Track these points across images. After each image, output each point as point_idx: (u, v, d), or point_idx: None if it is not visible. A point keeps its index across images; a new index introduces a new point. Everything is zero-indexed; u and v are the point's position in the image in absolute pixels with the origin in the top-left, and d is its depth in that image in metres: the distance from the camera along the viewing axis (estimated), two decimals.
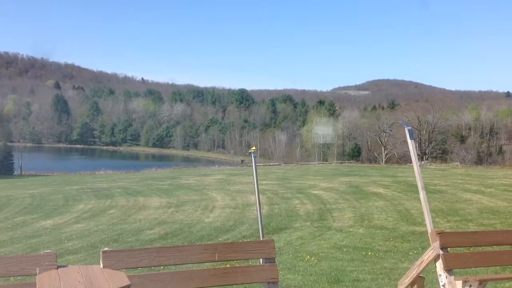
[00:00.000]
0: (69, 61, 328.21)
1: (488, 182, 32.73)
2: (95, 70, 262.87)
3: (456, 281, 4.70)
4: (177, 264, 4.39)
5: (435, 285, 6.73)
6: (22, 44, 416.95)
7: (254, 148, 5.95)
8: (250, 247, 4.58)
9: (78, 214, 22.85)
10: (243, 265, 4.83)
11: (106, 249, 4.08)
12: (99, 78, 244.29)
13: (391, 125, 72.37)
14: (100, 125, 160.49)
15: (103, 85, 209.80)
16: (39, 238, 16.36)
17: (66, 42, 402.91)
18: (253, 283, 4.71)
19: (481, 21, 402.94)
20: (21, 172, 73.75)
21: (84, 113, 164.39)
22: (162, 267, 4.86)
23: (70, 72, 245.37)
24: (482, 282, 4.67)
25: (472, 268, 6.36)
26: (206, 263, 5.04)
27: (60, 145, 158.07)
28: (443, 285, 4.71)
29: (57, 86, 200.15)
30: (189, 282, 4.28)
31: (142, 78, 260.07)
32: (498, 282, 7.39)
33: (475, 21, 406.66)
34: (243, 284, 5.85)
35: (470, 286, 4.59)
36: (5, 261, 3.82)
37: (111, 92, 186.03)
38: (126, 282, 3.53)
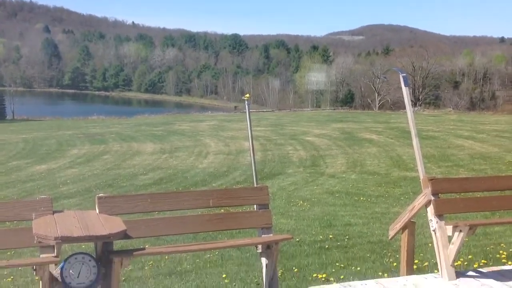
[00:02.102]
0: (58, 4, 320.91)
1: (480, 128, 32.94)
2: (84, 13, 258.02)
3: (447, 226, 4.78)
4: (172, 210, 4.44)
5: (426, 229, 6.87)
6: None
7: (247, 95, 5.90)
8: (244, 194, 4.61)
9: (72, 159, 22.89)
10: (237, 210, 4.88)
11: (102, 194, 4.10)
12: (89, 21, 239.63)
13: (386, 71, 71.99)
14: (92, 69, 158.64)
15: (93, 28, 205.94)
16: (34, 183, 16.44)
17: None
18: (247, 228, 4.78)
19: None
20: (13, 117, 73.33)
21: (74, 57, 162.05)
22: (157, 213, 4.92)
23: (59, 16, 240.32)
24: (472, 226, 4.75)
25: (463, 214, 6.46)
26: (201, 209, 5.09)
27: (52, 89, 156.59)
28: (434, 230, 4.79)
29: (47, 29, 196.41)
30: (184, 227, 4.33)
31: (133, 22, 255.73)
32: (487, 226, 7.55)
33: None
34: (237, 229, 5.94)
35: (460, 231, 4.67)
36: (0, 206, 3.84)
37: (102, 36, 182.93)
38: (122, 227, 3.57)
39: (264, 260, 4.24)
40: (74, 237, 3.31)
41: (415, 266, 5.28)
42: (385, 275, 5.40)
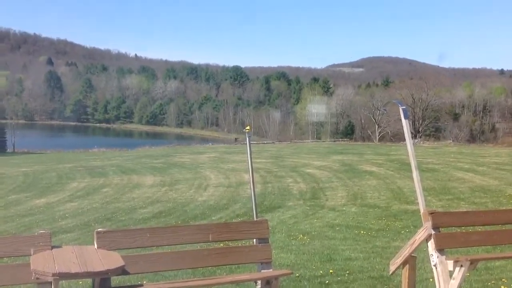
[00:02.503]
0: (62, 37, 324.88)
1: (480, 161, 32.92)
2: (88, 46, 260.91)
3: (448, 261, 4.76)
4: (171, 245, 4.42)
5: (426, 264, 6.81)
6: (14, 19, 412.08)
7: (248, 127, 5.94)
8: (244, 228, 4.61)
9: (71, 192, 22.83)
10: (237, 245, 4.86)
11: (100, 229, 4.09)
12: (92, 54, 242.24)
13: (386, 104, 72.41)
14: (93, 102, 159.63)
15: (96, 61, 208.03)
16: (33, 217, 16.36)
17: (58, 17, 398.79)
18: (246, 263, 4.75)
19: None
20: (14, 150, 73.44)
21: (77, 89, 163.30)
22: (156, 247, 4.89)
23: (63, 48, 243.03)
24: (473, 261, 4.73)
25: (464, 248, 6.43)
26: (200, 243, 5.07)
27: (53, 122, 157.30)
28: (435, 265, 4.76)
29: (50, 62, 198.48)
30: (183, 262, 4.32)
31: (136, 55, 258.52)
32: (489, 261, 7.48)
33: None
34: (236, 264, 5.90)
35: (461, 265, 4.64)
36: None
37: (104, 68, 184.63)
38: (120, 262, 3.56)
39: None
40: (72, 274, 3.31)
41: None
42: None
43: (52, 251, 3.75)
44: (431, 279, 6.27)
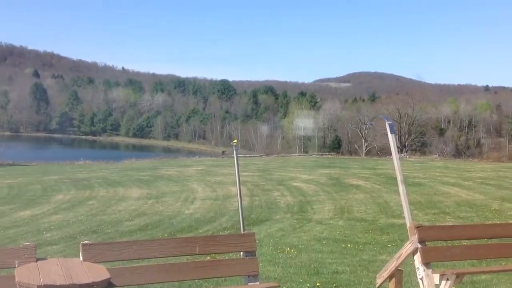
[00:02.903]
0: (48, 49, 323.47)
1: (466, 175, 33.17)
2: (74, 58, 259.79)
3: (434, 274, 4.78)
4: (158, 257, 4.39)
5: (413, 277, 6.83)
6: (0, 31, 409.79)
7: (235, 140, 5.95)
8: (230, 241, 4.60)
9: (57, 204, 22.62)
10: (223, 258, 4.84)
11: (86, 241, 4.06)
12: (79, 66, 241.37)
13: (372, 119, 72.82)
14: (80, 114, 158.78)
15: (83, 74, 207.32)
16: (17, 229, 16.17)
17: (45, 29, 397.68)
18: (233, 276, 4.73)
19: (460, 15, 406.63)
20: None
21: (63, 102, 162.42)
22: (142, 260, 4.85)
23: (49, 61, 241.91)
24: (459, 275, 4.76)
25: (449, 261, 6.46)
26: (187, 256, 5.04)
27: (39, 134, 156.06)
28: (421, 278, 4.78)
29: (36, 74, 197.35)
30: (169, 275, 4.29)
31: (123, 67, 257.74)
32: (474, 275, 7.52)
33: (454, 16, 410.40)
34: (223, 277, 5.87)
35: (447, 279, 4.67)
36: None
37: (91, 81, 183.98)
38: (106, 275, 3.53)
39: None
40: (57, 286, 3.27)
41: None
42: None
43: (37, 263, 3.71)
44: None
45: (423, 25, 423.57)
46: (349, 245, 11.59)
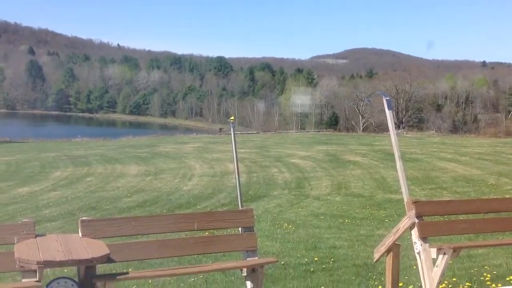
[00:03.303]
0: (43, 26, 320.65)
1: (462, 151, 33.28)
2: (69, 35, 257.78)
3: (431, 249, 4.81)
4: (156, 233, 4.41)
5: (410, 252, 6.88)
6: None
7: (232, 117, 5.93)
8: (229, 216, 4.61)
9: (55, 181, 22.66)
10: (222, 233, 4.86)
11: (85, 218, 4.06)
12: (74, 43, 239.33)
13: (370, 95, 72.55)
14: (76, 91, 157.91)
15: (78, 50, 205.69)
16: (16, 206, 16.23)
17: (39, 6, 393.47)
18: (232, 251, 4.76)
19: None
20: None
21: (59, 79, 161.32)
22: (141, 236, 4.87)
23: (44, 37, 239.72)
24: (456, 249, 4.78)
25: (447, 236, 6.50)
26: (185, 232, 5.06)
27: (35, 111, 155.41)
28: (418, 253, 4.81)
29: (31, 51, 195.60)
30: (168, 250, 4.30)
31: (118, 44, 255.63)
32: (471, 249, 7.58)
33: None
34: (222, 252, 5.90)
35: (445, 253, 4.69)
36: None
37: (87, 58, 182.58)
38: (105, 251, 3.54)
39: (249, 284, 4.22)
40: (56, 262, 3.28)
41: None
42: None
43: (36, 240, 3.72)
44: (414, 267, 6.34)
45: (420, 1, 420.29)
46: (346, 220, 11.66)
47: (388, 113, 5.40)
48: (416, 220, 4.84)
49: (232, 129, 5.49)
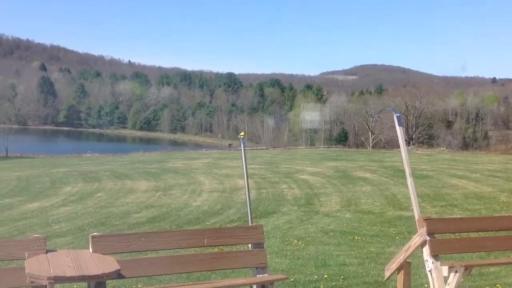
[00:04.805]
0: (55, 43, 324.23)
1: (473, 168, 33.05)
2: (81, 52, 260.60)
3: (442, 267, 4.77)
4: (166, 249, 4.41)
5: (421, 270, 6.82)
6: (7, 24, 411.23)
7: (243, 133, 5.94)
8: (239, 233, 4.61)
9: (65, 197, 22.75)
10: (231, 250, 4.84)
11: (96, 233, 4.08)
12: (86, 60, 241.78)
13: (380, 111, 72.56)
14: (87, 107, 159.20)
15: (90, 67, 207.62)
16: (26, 221, 16.28)
17: (51, 23, 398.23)
18: (242, 268, 4.74)
19: (468, 7, 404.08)
20: (6, 154, 73.08)
21: (70, 95, 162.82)
22: (150, 252, 4.86)
23: (56, 54, 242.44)
24: (467, 267, 4.74)
25: (458, 254, 6.45)
26: (195, 248, 5.05)
27: (46, 127, 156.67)
28: (430, 270, 4.77)
29: (43, 67, 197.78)
30: (178, 266, 4.30)
31: (129, 61, 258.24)
32: (483, 267, 7.50)
33: (463, 7, 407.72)
34: (232, 269, 5.88)
35: (456, 271, 4.66)
36: None
37: (98, 74, 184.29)
38: (116, 266, 3.54)
39: None
40: (67, 277, 3.29)
41: None
42: None
43: (47, 255, 3.73)
44: (426, 285, 6.28)
45: (430, 17, 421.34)
46: (356, 237, 11.58)
47: (399, 130, 5.40)
48: (428, 238, 4.81)
49: (242, 145, 5.50)
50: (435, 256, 4.77)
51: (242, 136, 5.68)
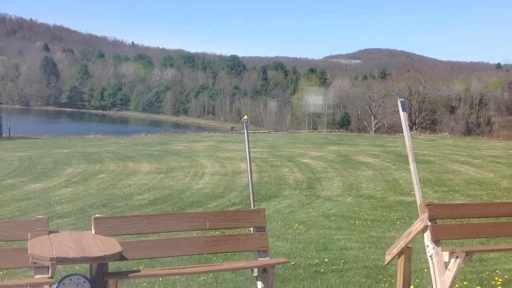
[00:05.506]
0: (58, 23, 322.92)
1: (475, 153, 33.02)
2: (84, 32, 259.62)
3: (443, 252, 4.78)
4: (168, 232, 4.42)
5: (422, 255, 6.84)
6: (10, 4, 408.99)
7: (246, 117, 5.91)
8: (241, 216, 4.61)
9: (67, 178, 22.82)
10: (233, 233, 4.86)
11: (98, 215, 4.08)
12: (89, 41, 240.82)
13: (384, 96, 72.41)
14: (90, 88, 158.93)
15: (93, 48, 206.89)
16: (28, 201, 16.35)
17: (55, 3, 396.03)
18: (243, 251, 4.76)
19: None
20: (9, 134, 73.25)
21: (73, 76, 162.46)
22: (151, 234, 4.88)
23: (59, 34, 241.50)
24: (468, 253, 4.74)
25: (459, 240, 6.46)
26: (197, 231, 5.07)
27: (49, 108, 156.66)
28: (430, 256, 4.78)
29: (46, 48, 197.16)
30: (180, 249, 4.31)
31: (133, 42, 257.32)
32: (483, 253, 7.53)
33: None
34: (233, 252, 5.90)
35: (457, 257, 4.66)
36: None
37: (101, 55, 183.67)
38: (118, 248, 3.55)
39: (260, 284, 4.22)
40: (69, 258, 3.30)
41: None
42: None
43: (49, 236, 3.74)
44: (426, 270, 6.31)
45: (434, 1, 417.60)
46: (357, 222, 11.62)
47: (403, 115, 5.37)
48: (429, 223, 4.81)
49: (245, 128, 5.48)
50: (436, 241, 4.77)
51: (245, 120, 5.66)
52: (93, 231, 3.94)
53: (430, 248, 4.77)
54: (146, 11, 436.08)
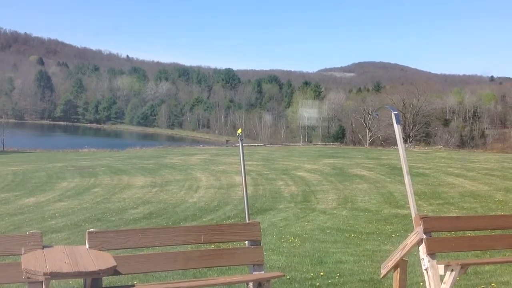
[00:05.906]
0: (53, 37, 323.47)
1: (470, 166, 33.11)
2: (79, 46, 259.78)
3: (439, 265, 4.78)
4: (163, 246, 4.40)
5: (417, 268, 6.84)
6: (4, 18, 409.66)
7: (240, 130, 5.93)
8: (236, 230, 4.60)
9: (61, 192, 22.70)
10: (228, 247, 4.85)
11: (92, 229, 4.07)
12: (83, 54, 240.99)
13: (378, 109, 72.67)
14: (84, 102, 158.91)
15: (87, 61, 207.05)
16: (22, 216, 16.24)
17: (49, 17, 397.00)
18: (238, 265, 4.74)
19: (467, 5, 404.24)
20: (3, 149, 72.91)
21: (67, 89, 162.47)
22: (147, 248, 4.86)
23: (53, 48, 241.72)
24: (464, 266, 4.75)
25: (454, 252, 6.46)
26: (192, 245, 5.05)
27: (43, 121, 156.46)
28: (426, 269, 4.78)
29: (41, 61, 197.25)
30: (174, 263, 4.30)
31: (127, 56, 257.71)
32: (478, 266, 7.52)
33: (461, 5, 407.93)
34: (228, 266, 5.88)
35: (452, 270, 4.67)
36: None
37: (96, 69, 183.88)
38: (112, 263, 3.54)
39: None
40: (63, 273, 3.29)
41: None
42: None
43: (43, 251, 3.73)
44: (422, 283, 6.30)
45: (428, 14, 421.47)
46: (352, 235, 11.60)
47: (397, 128, 5.40)
48: (424, 236, 4.82)
49: (240, 141, 5.50)
50: (431, 254, 4.78)
51: (239, 133, 5.67)
52: (87, 246, 3.93)
53: (425, 261, 4.78)
54: (140, 24, 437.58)
